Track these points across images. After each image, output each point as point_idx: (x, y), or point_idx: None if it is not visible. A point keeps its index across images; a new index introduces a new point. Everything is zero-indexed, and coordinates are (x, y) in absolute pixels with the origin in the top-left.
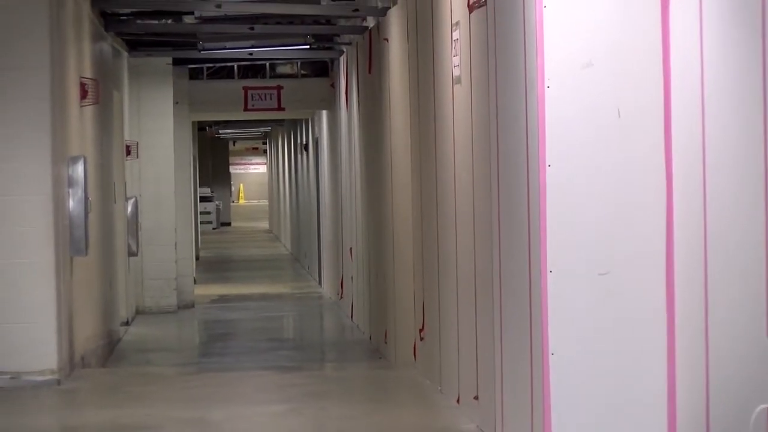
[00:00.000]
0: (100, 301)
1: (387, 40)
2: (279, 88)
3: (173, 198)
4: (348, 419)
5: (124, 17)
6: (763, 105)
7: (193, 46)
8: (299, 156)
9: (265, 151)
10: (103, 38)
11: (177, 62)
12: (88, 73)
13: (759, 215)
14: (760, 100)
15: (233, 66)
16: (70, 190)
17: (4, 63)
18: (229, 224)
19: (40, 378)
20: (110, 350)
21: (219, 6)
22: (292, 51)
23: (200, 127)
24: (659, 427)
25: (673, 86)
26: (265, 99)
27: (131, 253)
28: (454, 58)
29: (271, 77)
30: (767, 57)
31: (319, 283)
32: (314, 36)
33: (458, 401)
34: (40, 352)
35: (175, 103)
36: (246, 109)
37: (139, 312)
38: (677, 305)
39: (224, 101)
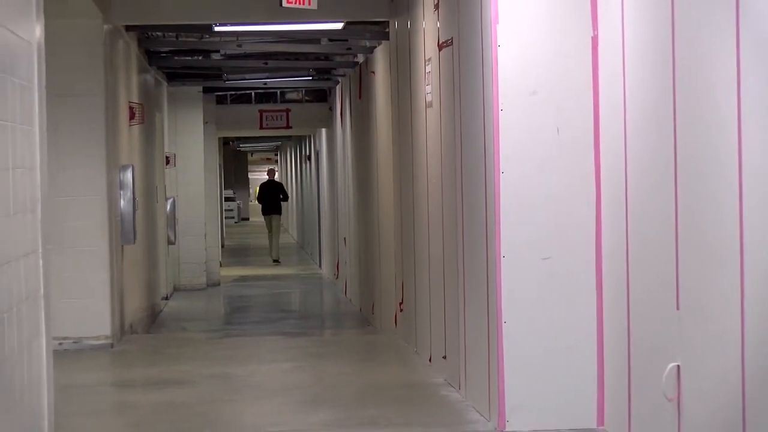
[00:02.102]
0: (144, 281)
1: (373, 72)
2: (287, 110)
3: (203, 198)
4: (342, 375)
5: (164, 54)
6: (673, 122)
7: (219, 77)
8: (304, 165)
9: (276, 161)
10: (147, 71)
11: (206, 90)
12: (135, 98)
13: (669, 210)
14: (670, 119)
15: (251, 93)
16: (121, 192)
17: (69, 90)
18: (247, 219)
19: (96, 342)
20: (153, 319)
21: (239, 45)
22: (297, 81)
23: (225, 142)
24: (591, 381)
25: (601, 109)
26: (276, 119)
27: (170, 242)
28: (426, 87)
29: (281, 102)
30: (676, 84)
31: (319, 266)
32: (316, 69)
33: (430, 360)
34: (97, 322)
35: (205, 122)
36: (261, 128)
37: (176, 289)
38: (604, 284)
39: (244, 121)
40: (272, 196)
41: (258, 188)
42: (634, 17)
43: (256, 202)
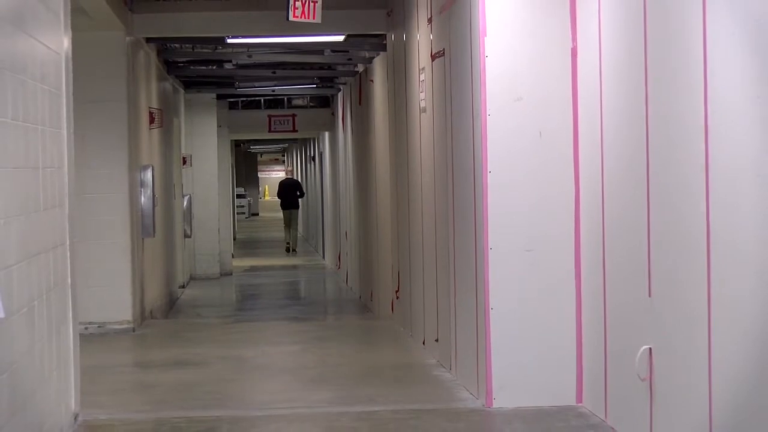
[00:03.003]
0: (163, 271)
1: (372, 80)
2: (294, 115)
3: (217, 195)
4: (343, 356)
5: (181, 64)
6: (645, 124)
7: (231, 85)
8: (308, 165)
9: (283, 161)
10: (166, 79)
11: (219, 97)
12: (154, 104)
13: (642, 205)
14: (643, 121)
15: (260, 99)
16: (142, 190)
17: (94, 97)
18: (257, 214)
19: (119, 326)
20: (171, 306)
21: (250, 56)
22: (303, 88)
23: (236, 144)
24: (570, 362)
25: (580, 114)
26: (284, 123)
27: (186, 235)
28: (420, 93)
29: (288, 108)
30: (648, 90)
31: (323, 257)
32: (319, 78)
33: (424, 343)
34: (119, 308)
35: (218, 126)
36: (270, 131)
37: (192, 278)
38: (582, 273)
39: (254, 125)
40: (291, 193)
41: (278, 186)
42: (610, 30)
43: (276, 198)
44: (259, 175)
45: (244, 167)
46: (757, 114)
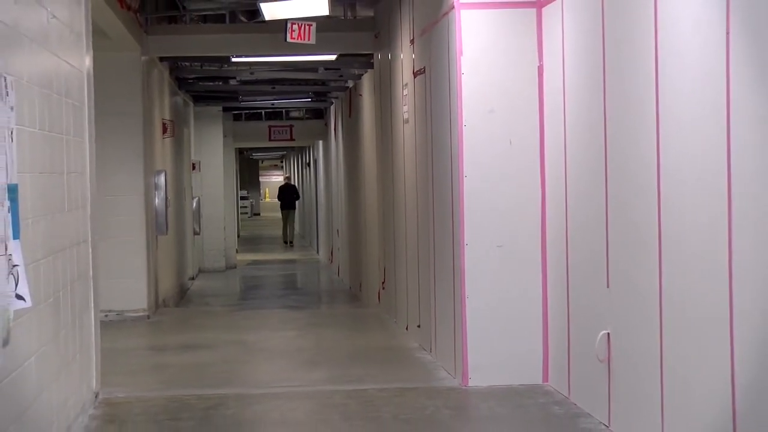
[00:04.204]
0: (175, 264)
1: (361, 95)
2: (291, 126)
3: (223, 197)
4: (336, 340)
5: (191, 80)
6: (604, 133)
7: (235, 99)
8: (304, 170)
9: (282, 167)
10: (177, 94)
11: (225, 110)
12: (167, 116)
13: (601, 205)
14: (602, 129)
15: (261, 112)
16: (156, 192)
17: (113, 110)
18: (258, 214)
19: (135, 314)
20: (182, 296)
21: (252, 73)
22: (299, 102)
23: (240, 151)
24: (538, 346)
25: (546, 124)
26: (282, 133)
27: (196, 233)
28: (404, 107)
29: (286, 119)
30: (606, 103)
31: (317, 252)
32: (314, 92)
33: (407, 329)
34: (136, 297)
35: (224, 136)
36: (270, 140)
37: (200, 271)
38: (548, 266)
39: (256, 135)
40: (289, 196)
41: (278, 190)
42: (572, 51)
43: (275, 199)
44: (261, 179)
45: (247, 172)
46: (701, 129)
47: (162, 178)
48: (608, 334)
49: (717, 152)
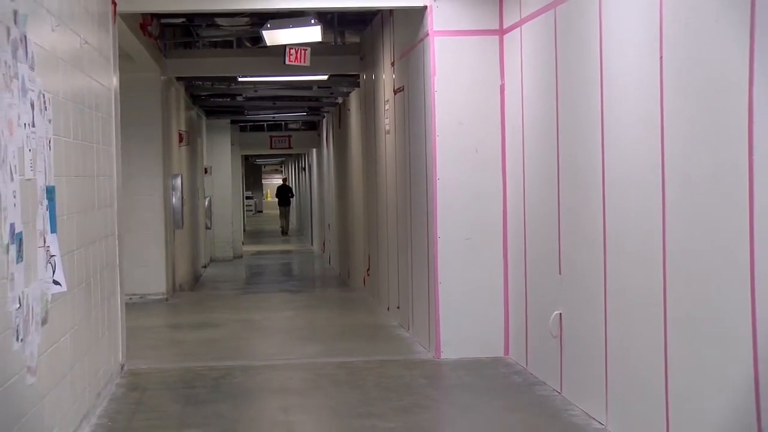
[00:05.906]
0: (190, 254)
1: (349, 109)
2: (289, 136)
3: (230, 197)
4: (328, 319)
5: (203, 97)
6: (556, 142)
7: (241, 113)
8: (301, 174)
9: (281, 171)
10: (191, 108)
11: (233, 122)
12: (183, 127)
13: (553, 204)
14: (554, 140)
15: (264, 124)
16: (173, 193)
17: (136, 122)
18: (261, 211)
19: (155, 297)
20: (196, 281)
21: (256, 91)
22: (296, 115)
23: (245, 158)
24: (500, 323)
25: (507, 134)
26: (282, 142)
27: (207, 228)
28: (386, 119)
29: (285, 130)
30: (559, 115)
31: (311, 244)
32: (309, 107)
33: (388, 309)
34: (156, 282)
35: (232, 144)
36: (271, 148)
37: (212, 260)
38: (509, 255)
39: (259, 143)
40: (284, 195)
41: (276, 189)
42: (530, 71)
43: (274, 198)
44: (263, 181)
45: (252, 175)
46: (639, 138)
47: (178, 181)
48: (560, 314)
49: (652, 158)
